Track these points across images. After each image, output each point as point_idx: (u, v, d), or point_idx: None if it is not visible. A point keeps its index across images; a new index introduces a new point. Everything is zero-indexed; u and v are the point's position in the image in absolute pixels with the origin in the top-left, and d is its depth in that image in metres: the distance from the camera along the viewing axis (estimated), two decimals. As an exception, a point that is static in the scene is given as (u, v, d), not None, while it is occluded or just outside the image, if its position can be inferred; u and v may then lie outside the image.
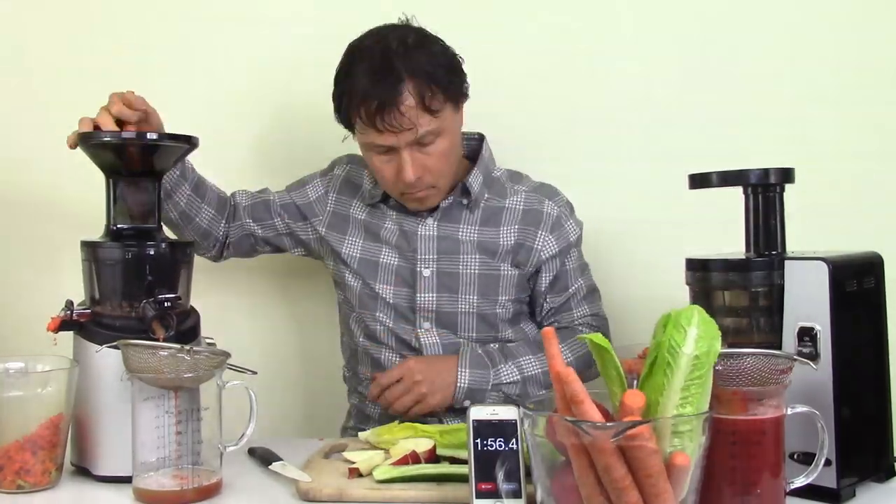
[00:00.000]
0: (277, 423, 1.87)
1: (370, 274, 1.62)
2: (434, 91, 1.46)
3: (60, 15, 1.90)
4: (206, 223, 1.65)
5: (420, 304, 1.59)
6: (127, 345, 1.18)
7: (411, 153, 1.48)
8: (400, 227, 1.62)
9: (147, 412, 1.19)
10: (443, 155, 1.51)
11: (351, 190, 1.68)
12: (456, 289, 1.59)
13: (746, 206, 1.24)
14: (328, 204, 1.69)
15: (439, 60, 1.49)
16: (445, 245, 1.60)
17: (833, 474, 1.11)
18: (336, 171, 1.72)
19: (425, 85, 1.45)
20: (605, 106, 1.88)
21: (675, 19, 1.87)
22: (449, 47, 1.54)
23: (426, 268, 1.59)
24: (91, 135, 1.30)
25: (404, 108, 1.44)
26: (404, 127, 1.45)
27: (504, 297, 1.60)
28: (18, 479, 1.20)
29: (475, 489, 1.06)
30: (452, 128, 1.52)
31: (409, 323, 1.60)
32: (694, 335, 0.93)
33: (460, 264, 1.60)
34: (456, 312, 1.59)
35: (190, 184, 1.59)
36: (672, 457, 0.90)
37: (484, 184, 1.62)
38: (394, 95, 1.43)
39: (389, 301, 1.61)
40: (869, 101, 1.82)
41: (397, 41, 1.47)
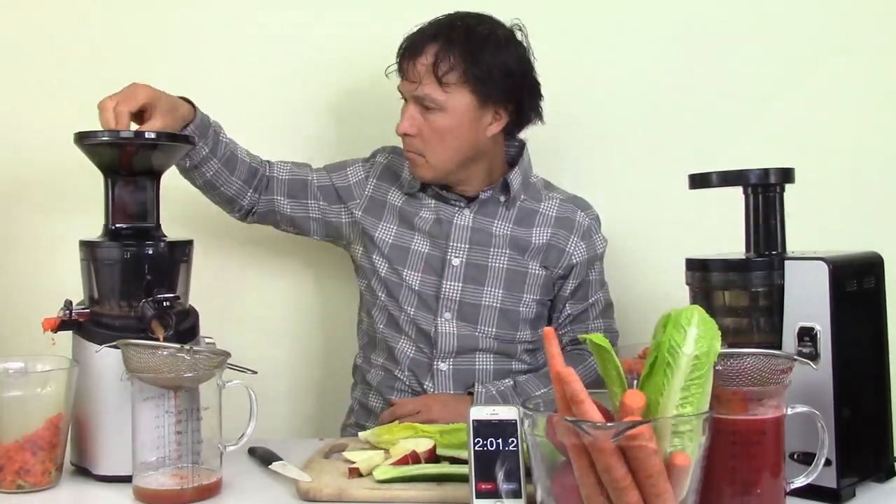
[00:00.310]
0: (277, 424, 1.87)
1: (399, 260, 1.63)
2: (452, 65, 1.51)
3: (61, 13, 1.90)
4: (231, 191, 1.64)
5: (444, 292, 1.60)
6: (127, 344, 1.18)
7: (414, 108, 1.56)
8: (436, 216, 1.64)
9: (147, 412, 1.18)
10: (439, 131, 1.54)
11: (390, 178, 1.70)
12: (482, 281, 1.60)
13: (746, 206, 1.24)
14: (367, 188, 1.70)
15: (488, 49, 1.53)
16: (478, 237, 1.62)
17: (833, 474, 1.11)
18: (378, 158, 1.73)
19: (446, 55, 1.51)
20: (606, 106, 1.88)
21: (675, 19, 1.87)
22: (525, 59, 1.58)
23: (456, 256, 1.61)
24: (89, 134, 1.30)
25: (419, 63, 1.53)
26: (411, 78, 1.54)
27: (529, 295, 1.61)
28: (18, 479, 1.20)
29: (475, 489, 1.06)
30: (461, 114, 1.54)
31: (431, 312, 1.61)
32: (694, 335, 0.93)
33: (490, 257, 1.61)
34: (479, 305, 1.60)
35: (220, 159, 1.59)
36: (672, 457, 0.90)
37: (522, 185, 1.65)
38: (418, 48, 1.54)
39: (415, 288, 1.62)
40: (869, 102, 1.82)
41: (471, 20, 1.56)
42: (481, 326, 1.60)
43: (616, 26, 1.88)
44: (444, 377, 1.60)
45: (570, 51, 1.88)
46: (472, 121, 1.55)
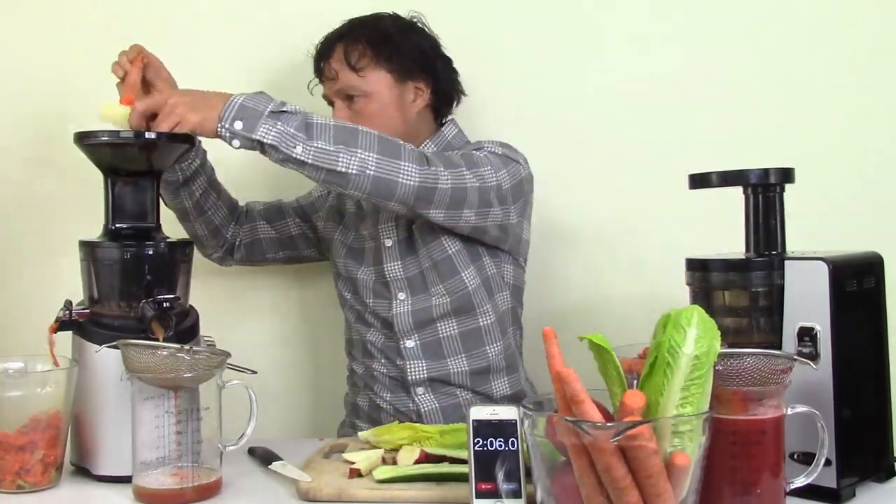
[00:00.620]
0: (277, 424, 1.87)
1: (354, 259, 1.68)
2: (362, 51, 1.59)
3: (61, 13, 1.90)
4: (217, 220, 1.69)
5: (389, 274, 1.62)
6: (126, 345, 1.18)
7: (340, 104, 1.62)
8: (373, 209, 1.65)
9: (147, 412, 1.18)
10: (368, 116, 1.58)
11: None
12: (414, 248, 1.61)
13: (746, 206, 1.24)
14: (328, 199, 1.76)
15: (392, 31, 1.62)
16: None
17: (833, 474, 1.11)
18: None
19: (355, 46, 1.60)
20: (605, 106, 1.88)
21: (675, 19, 1.87)
22: (430, 37, 1.66)
23: (388, 238, 1.62)
24: (88, 134, 1.30)
25: (332, 60, 1.61)
26: (329, 77, 1.62)
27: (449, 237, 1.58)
28: (18, 479, 1.20)
29: (475, 489, 1.06)
30: (383, 94, 1.60)
31: (387, 298, 1.63)
32: (694, 335, 0.93)
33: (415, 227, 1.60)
34: (421, 270, 1.60)
35: (207, 177, 1.64)
36: (672, 457, 0.90)
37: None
38: (329, 49, 1.63)
39: (368, 280, 1.65)
40: (869, 102, 1.82)
41: (371, 17, 1.64)
42: (432, 288, 1.60)
43: (616, 26, 1.88)
44: (413, 352, 1.61)
45: (569, 50, 1.88)
46: (395, 98, 1.61)
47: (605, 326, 1.81)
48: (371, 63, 1.59)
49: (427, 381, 1.61)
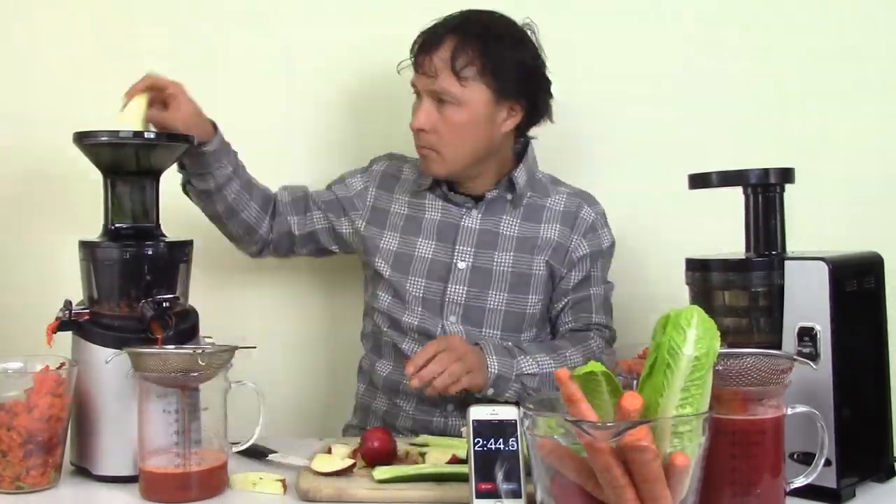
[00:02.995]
0: (277, 424, 1.86)
1: (404, 266, 1.63)
2: (470, 59, 1.51)
3: (62, 13, 1.90)
4: (252, 219, 1.65)
5: (449, 296, 1.60)
6: (134, 353, 1.19)
7: (429, 103, 1.55)
8: (443, 218, 1.64)
9: (152, 410, 1.19)
10: (456, 126, 1.53)
11: (390, 184, 1.70)
12: (487, 284, 1.60)
13: (746, 206, 1.24)
14: (368, 199, 1.70)
15: (504, 45, 1.54)
16: (485, 238, 1.62)
17: (833, 474, 1.11)
18: (375, 167, 1.73)
19: (464, 49, 1.51)
20: (605, 106, 1.88)
21: (675, 19, 1.87)
22: (538, 57, 1.59)
23: (462, 260, 1.60)
24: (88, 134, 1.30)
25: (436, 57, 1.53)
26: (427, 73, 1.53)
27: (534, 296, 1.61)
28: (18, 480, 1.20)
29: (475, 489, 1.06)
30: (478, 109, 1.53)
31: (436, 316, 1.60)
32: (693, 336, 0.92)
33: (495, 260, 1.61)
34: (484, 308, 1.59)
35: (240, 180, 1.60)
36: (672, 457, 0.90)
37: (528, 182, 1.64)
38: (435, 41, 1.54)
39: (419, 294, 1.61)
40: (869, 101, 1.82)
41: (487, 17, 1.57)
42: (486, 329, 1.60)
43: (616, 26, 1.88)
44: None
45: (569, 50, 1.88)
46: (487, 116, 1.55)
47: (604, 326, 1.82)
48: (476, 74, 1.52)
49: (461, 397, 1.56)
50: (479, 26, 1.54)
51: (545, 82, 1.61)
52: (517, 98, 1.56)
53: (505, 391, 1.48)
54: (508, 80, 1.54)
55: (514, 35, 1.57)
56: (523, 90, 1.56)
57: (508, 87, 1.54)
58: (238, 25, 1.90)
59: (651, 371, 0.94)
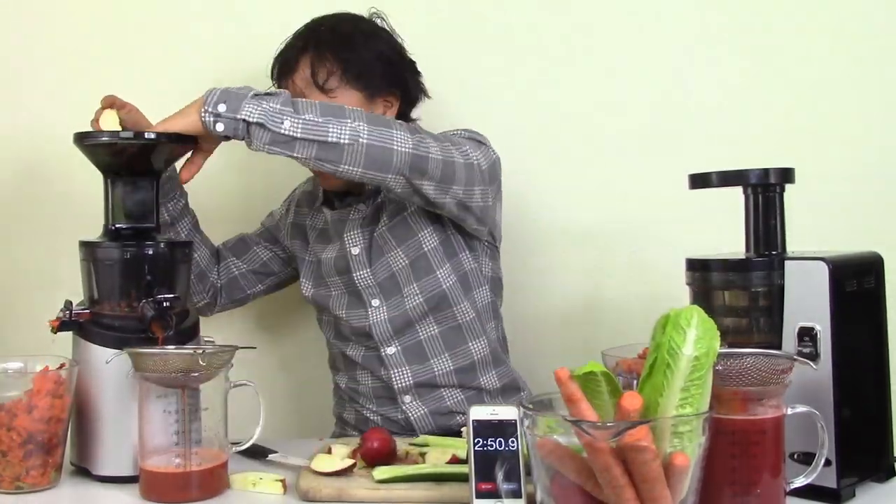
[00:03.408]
0: (277, 424, 1.87)
1: (322, 272, 1.65)
2: (330, 70, 1.52)
3: (62, 13, 1.90)
4: (203, 263, 1.67)
5: (359, 282, 1.58)
6: (135, 353, 1.19)
7: None
8: (337, 218, 1.63)
9: (153, 410, 1.19)
10: None
11: (309, 201, 1.72)
12: (383, 251, 1.58)
13: (746, 206, 1.24)
14: (288, 217, 1.74)
15: (358, 44, 1.54)
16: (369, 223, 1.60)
17: (833, 474, 1.11)
18: (297, 189, 1.77)
19: (321, 62, 1.52)
20: (605, 106, 1.88)
21: (675, 19, 1.87)
22: (396, 44, 1.59)
23: (354, 246, 1.59)
24: (88, 135, 1.30)
25: (297, 79, 1.54)
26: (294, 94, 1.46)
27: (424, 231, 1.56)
28: (18, 480, 1.20)
29: (475, 489, 1.06)
30: None
31: (361, 307, 1.59)
32: (693, 336, 0.92)
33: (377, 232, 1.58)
34: (392, 272, 1.57)
35: (191, 218, 1.63)
36: (671, 457, 0.90)
37: None
38: (291, 65, 1.55)
39: (338, 293, 1.62)
40: (869, 101, 1.82)
41: (333, 21, 1.57)
42: (405, 288, 1.57)
43: (616, 26, 1.88)
44: (395, 359, 1.58)
45: (569, 50, 1.88)
46: None
47: (605, 326, 1.83)
48: (340, 84, 1.53)
49: (413, 386, 1.58)
50: (329, 33, 1.55)
51: (410, 65, 1.62)
52: (389, 90, 1.58)
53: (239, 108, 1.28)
54: (374, 77, 1.55)
55: (364, 30, 1.58)
56: (391, 80, 1.58)
57: (376, 84, 1.56)
58: (238, 26, 1.91)
59: (651, 371, 0.94)
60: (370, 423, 1.63)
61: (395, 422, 1.60)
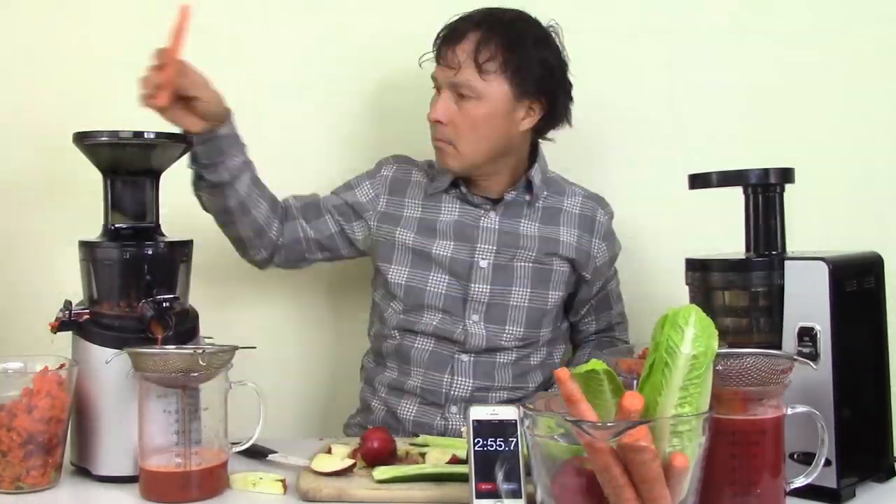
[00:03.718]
0: (277, 424, 1.86)
1: (421, 265, 1.61)
2: (493, 53, 1.52)
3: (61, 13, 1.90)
4: (262, 219, 1.59)
5: (472, 295, 1.59)
6: (135, 353, 1.19)
7: (448, 96, 1.55)
8: (460, 218, 1.63)
9: (153, 410, 1.19)
10: (474, 119, 1.53)
11: (401, 188, 1.68)
12: (510, 281, 1.60)
13: (746, 206, 1.24)
14: (379, 205, 1.68)
15: (528, 42, 1.54)
16: (506, 238, 1.62)
17: (833, 474, 1.11)
18: (383, 171, 1.70)
19: (488, 43, 1.52)
20: (605, 106, 1.88)
21: (674, 19, 1.87)
22: (561, 59, 1.60)
23: (483, 259, 1.60)
24: (88, 134, 1.30)
25: (459, 49, 1.53)
26: (450, 64, 1.53)
27: (555, 292, 1.62)
28: (18, 480, 1.20)
29: (475, 489, 1.06)
30: (496, 104, 1.53)
31: (458, 315, 1.60)
32: (691, 335, 0.92)
33: (517, 258, 1.61)
34: (507, 305, 1.59)
35: (251, 173, 1.55)
36: (671, 458, 0.90)
37: (542, 182, 1.65)
38: (459, 34, 1.54)
39: (439, 292, 1.60)
40: (869, 101, 1.82)
41: (513, 13, 1.58)
42: (508, 326, 1.60)
43: (616, 26, 1.88)
44: (464, 367, 1.59)
45: (569, 50, 1.88)
46: (506, 112, 1.55)
47: (604, 326, 1.82)
48: (498, 69, 1.52)
49: (467, 400, 1.58)
50: (505, 22, 1.55)
51: (566, 84, 1.61)
52: (537, 97, 1.56)
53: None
54: (530, 78, 1.54)
55: (537, 34, 1.57)
56: (543, 89, 1.57)
57: (529, 85, 1.54)
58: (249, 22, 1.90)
59: (650, 371, 0.94)
60: (399, 422, 1.62)
61: (432, 426, 1.59)
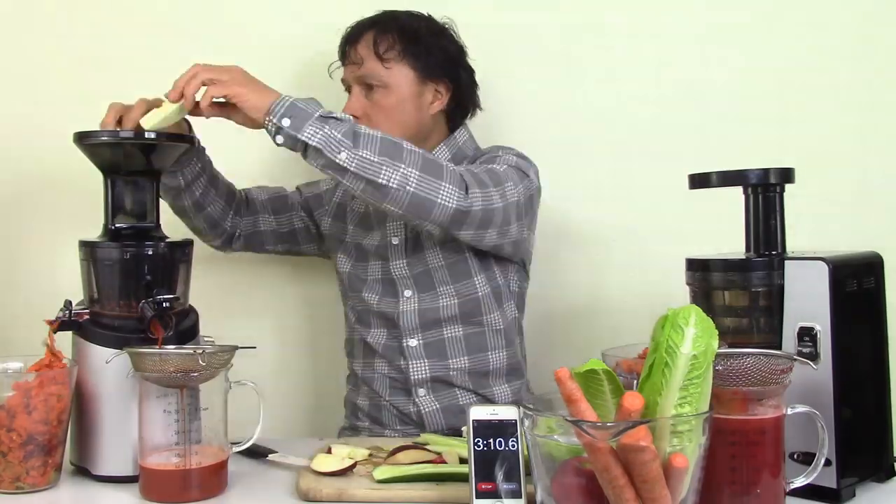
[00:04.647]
0: (277, 424, 1.87)
1: (360, 256, 1.68)
2: (392, 42, 1.60)
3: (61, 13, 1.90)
4: (217, 213, 1.67)
5: (395, 272, 1.62)
6: (135, 353, 1.19)
7: (358, 90, 1.62)
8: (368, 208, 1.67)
9: (153, 410, 1.19)
10: (385, 108, 1.60)
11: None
12: (422, 247, 1.61)
13: (746, 206, 1.23)
14: (335, 195, 1.75)
15: (423, 30, 1.63)
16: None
17: (833, 474, 1.11)
18: None
19: (385, 35, 1.60)
20: (605, 106, 1.88)
21: (674, 19, 1.87)
22: (458, 45, 1.67)
23: (395, 236, 1.63)
24: (88, 134, 1.30)
25: (359, 46, 1.62)
26: (354, 61, 1.62)
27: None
28: (18, 480, 1.20)
29: (475, 489, 1.06)
30: (403, 89, 1.60)
31: (393, 296, 1.63)
32: (692, 335, 0.92)
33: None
34: (428, 270, 1.61)
35: (207, 175, 1.62)
36: (670, 458, 0.90)
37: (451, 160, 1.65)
38: (358, 34, 1.63)
39: (373, 277, 1.65)
40: (869, 101, 1.82)
41: (406, 12, 1.65)
42: (440, 287, 1.61)
43: (616, 26, 1.88)
44: (416, 353, 1.61)
45: (570, 50, 1.88)
46: (414, 96, 1.61)
47: (605, 326, 1.83)
48: (398, 56, 1.60)
49: (429, 380, 1.61)
50: (398, 18, 1.63)
51: (467, 68, 1.68)
52: (441, 78, 1.63)
53: (303, 126, 1.32)
54: (431, 61, 1.61)
55: (431, 24, 1.65)
56: (447, 72, 1.63)
57: (431, 67, 1.61)
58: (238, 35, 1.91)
59: (650, 371, 0.94)
60: (384, 410, 1.64)
61: (407, 414, 1.62)
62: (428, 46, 1.61)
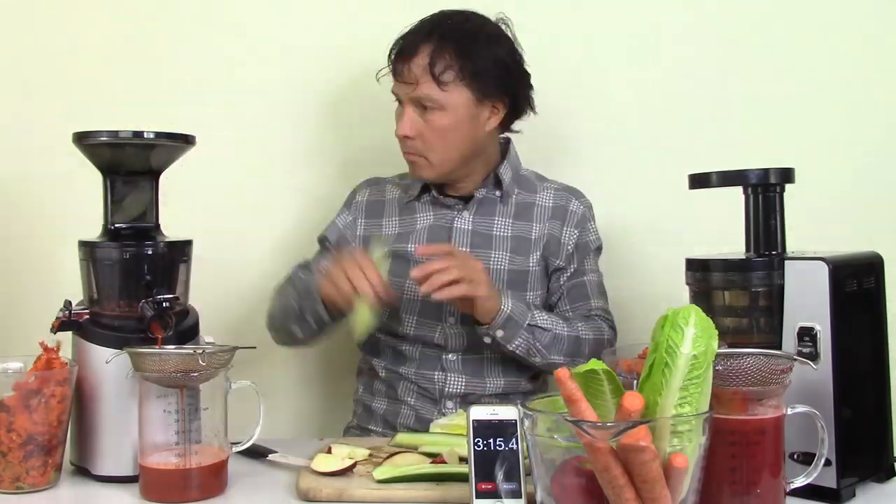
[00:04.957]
0: (277, 424, 1.87)
1: (400, 270, 1.60)
2: (449, 63, 1.53)
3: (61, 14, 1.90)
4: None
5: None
6: (135, 353, 1.19)
7: (411, 110, 1.56)
8: (434, 222, 1.65)
9: (153, 410, 1.19)
10: (440, 130, 1.55)
11: (377, 210, 1.71)
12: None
13: (746, 206, 1.23)
14: (357, 228, 1.71)
15: (481, 45, 1.55)
16: (479, 240, 1.63)
17: (833, 474, 1.11)
18: (358, 198, 1.74)
19: (441, 54, 1.53)
20: (606, 106, 1.88)
21: (675, 20, 1.87)
22: (516, 52, 1.60)
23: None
24: (87, 134, 1.30)
25: (414, 64, 1.54)
26: (407, 80, 1.55)
27: (532, 292, 1.62)
28: (18, 480, 1.20)
29: (475, 489, 1.06)
30: (460, 111, 1.55)
31: (435, 317, 1.61)
32: (692, 335, 0.92)
33: (491, 259, 1.61)
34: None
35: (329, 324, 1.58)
36: (670, 459, 0.89)
37: (513, 179, 1.66)
38: (413, 48, 1.55)
39: (414, 300, 1.61)
40: (869, 101, 1.82)
41: (460, 17, 1.58)
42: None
43: (616, 25, 1.88)
44: (453, 367, 1.61)
45: (570, 50, 1.88)
46: (471, 117, 1.56)
47: (604, 326, 1.82)
48: (456, 79, 1.53)
49: (461, 395, 1.60)
50: (455, 28, 1.55)
51: (524, 76, 1.63)
52: (498, 96, 1.58)
53: (514, 337, 1.48)
54: (488, 80, 1.55)
55: (489, 33, 1.58)
56: (503, 88, 1.58)
57: (489, 87, 1.56)
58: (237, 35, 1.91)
59: (650, 371, 0.94)
60: (401, 416, 1.63)
61: (428, 421, 1.58)
62: (486, 64, 1.54)
